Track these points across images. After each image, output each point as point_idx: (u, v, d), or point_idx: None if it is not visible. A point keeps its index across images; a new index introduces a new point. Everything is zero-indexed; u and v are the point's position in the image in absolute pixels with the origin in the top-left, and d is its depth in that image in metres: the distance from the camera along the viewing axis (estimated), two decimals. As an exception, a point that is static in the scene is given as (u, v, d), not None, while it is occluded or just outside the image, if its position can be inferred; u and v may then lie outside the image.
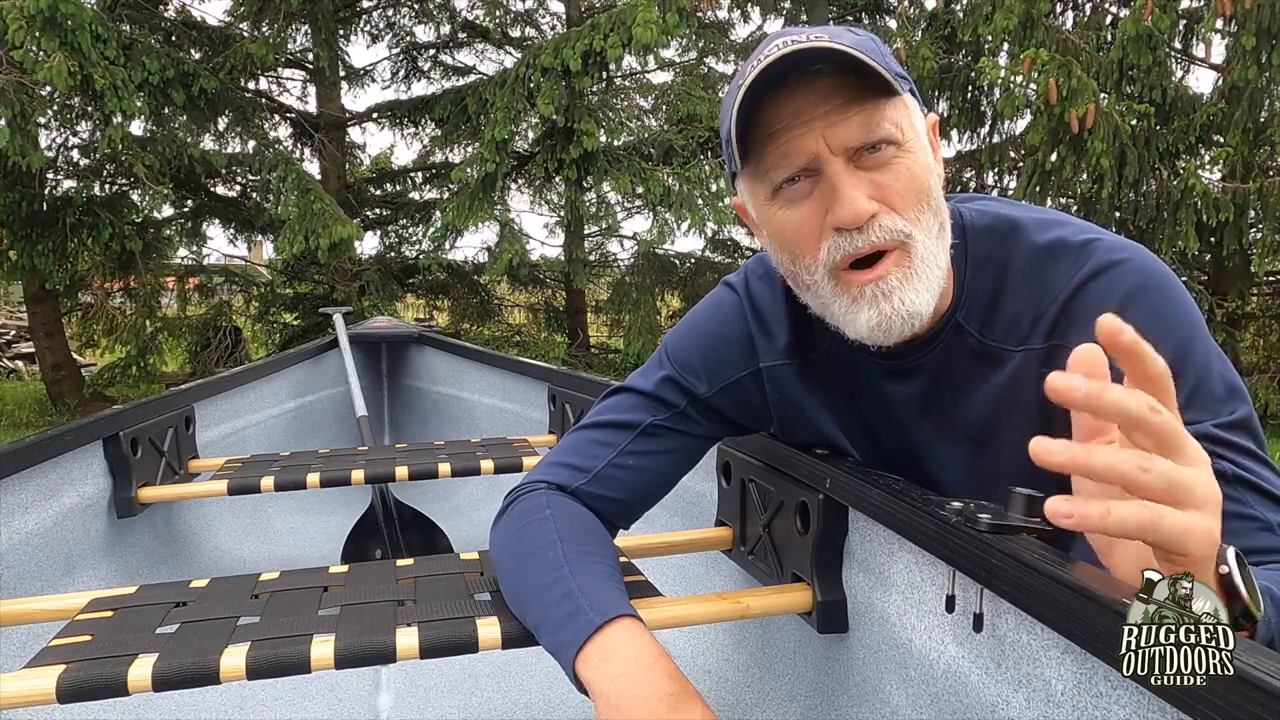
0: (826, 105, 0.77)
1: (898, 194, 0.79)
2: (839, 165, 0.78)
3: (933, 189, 0.82)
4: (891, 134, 0.78)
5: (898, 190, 0.79)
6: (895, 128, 0.78)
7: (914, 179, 0.80)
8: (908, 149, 0.79)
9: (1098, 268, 0.82)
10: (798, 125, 0.78)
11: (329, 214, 6.57)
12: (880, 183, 0.79)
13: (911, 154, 0.80)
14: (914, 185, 0.80)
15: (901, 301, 0.80)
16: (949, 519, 0.76)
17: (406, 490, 2.51)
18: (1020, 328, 0.86)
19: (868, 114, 0.77)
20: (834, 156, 0.78)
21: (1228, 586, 0.56)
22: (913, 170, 0.80)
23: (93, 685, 0.86)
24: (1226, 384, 0.79)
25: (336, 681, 1.65)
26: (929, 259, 0.80)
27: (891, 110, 0.78)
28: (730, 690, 1.34)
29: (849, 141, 0.78)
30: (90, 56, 5.41)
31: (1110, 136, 5.43)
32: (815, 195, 0.80)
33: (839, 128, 0.77)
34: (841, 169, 0.78)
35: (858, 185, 0.78)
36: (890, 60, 0.81)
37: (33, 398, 7.79)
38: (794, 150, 0.79)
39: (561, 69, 6.62)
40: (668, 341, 1.08)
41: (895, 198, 0.79)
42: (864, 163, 0.79)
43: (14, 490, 1.43)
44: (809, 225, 0.81)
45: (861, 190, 0.78)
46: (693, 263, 9.20)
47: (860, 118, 0.77)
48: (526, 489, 1.04)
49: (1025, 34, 5.87)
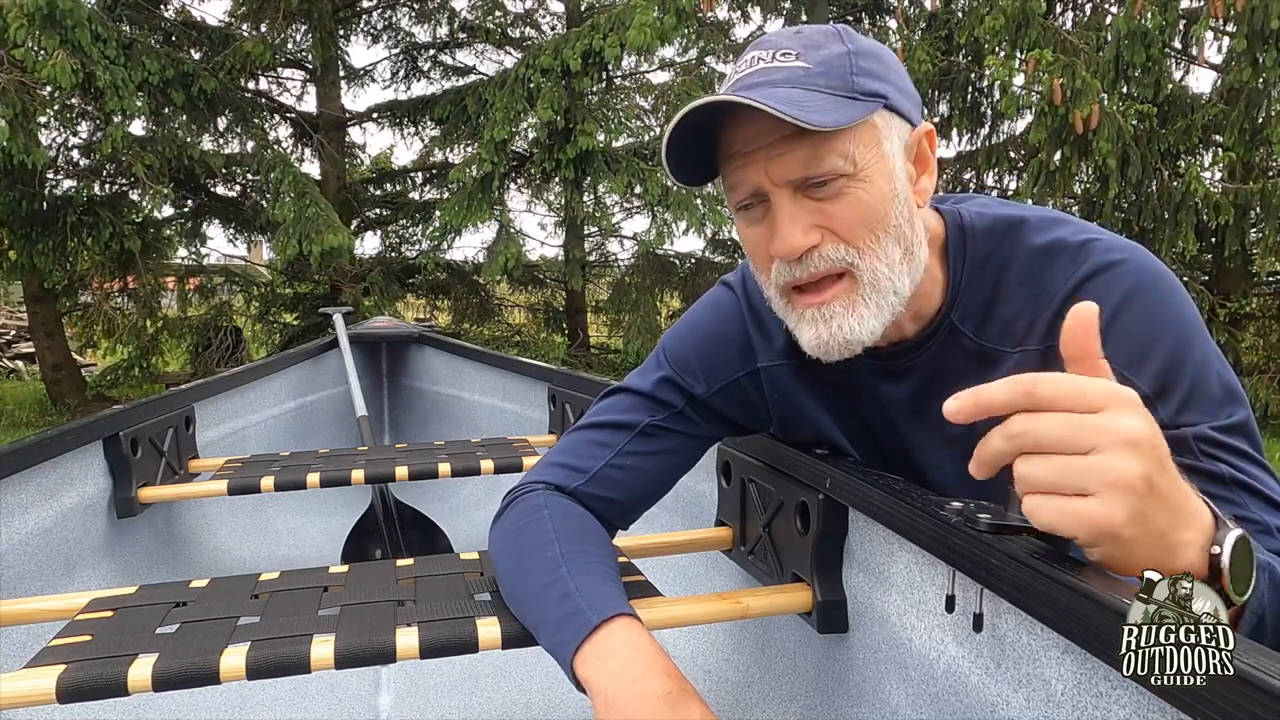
0: (772, 136, 0.78)
1: (844, 224, 0.79)
2: (782, 197, 0.79)
3: (890, 215, 0.80)
4: (838, 167, 0.78)
5: (845, 220, 0.79)
6: (844, 159, 0.78)
7: (864, 209, 0.79)
8: (860, 178, 0.79)
9: (1095, 269, 0.81)
10: (745, 154, 0.80)
11: (323, 219, 6.56)
12: (827, 212, 0.79)
13: (865, 183, 0.79)
14: (864, 215, 0.79)
15: (840, 328, 0.81)
16: (949, 519, 0.76)
17: (406, 490, 2.51)
18: (1017, 329, 0.85)
19: (812, 149, 0.77)
20: (777, 188, 0.79)
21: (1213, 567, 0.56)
22: (863, 200, 0.79)
23: (93, 685, 0.86)
24: (1225, 386, 0.78)
25: (336, 681, 1.65)
26: (879, 285, 0.81)
27: (841, 141, 0.77)
28: (730, 690, 1.34)
29: (789, 175, 0.78)
30: (91, 54, 5.41)
31: (1114, 137, 5.43)
32: (766, 220, 0.82)
33: (781, 161, 0.78)
34: (785, 201, 0.79)
35: (797, 218, 0.79)
36: (863, 77, 0.79)
37: (33, 398, 7.79)
38: (742, 179, 0.81)
39: (561, 69, 6.62)
40: (665, 341, 1.08)
41: (842, 227, 0.79)
42: (812, 193, 0.79)
43: (14, 490, 1.43)
44: (760, 247, 0.84)
45: (801, 222, 0.79)
46: (692, 263, 9.20)
47: (803, 153, 0.77)
48: (525, 489, 1.04)
49: (1019, 34, 5.87)
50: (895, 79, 0.82)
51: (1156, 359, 0.77)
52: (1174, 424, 0.76)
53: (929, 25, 7.45)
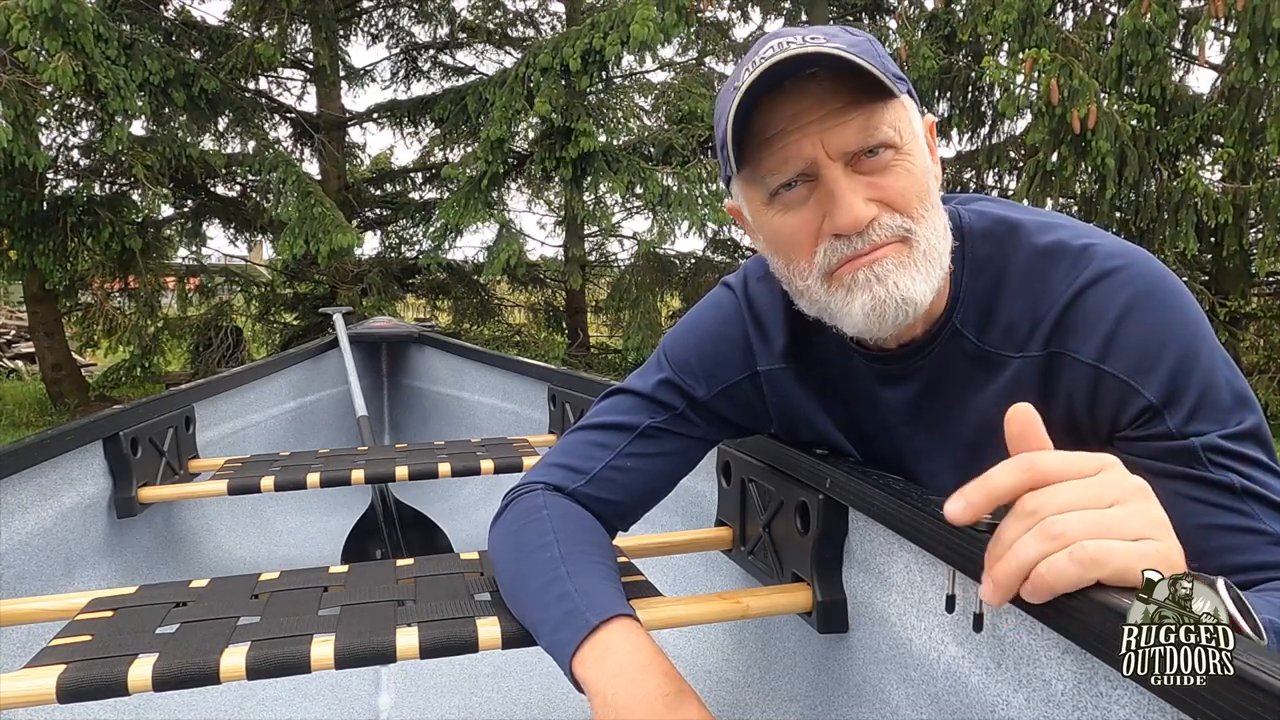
0: (823, 109, 0.76)
1: (898, 194, 0.78)
2: (837, 171, 0.77)
3: (932, 190, 0.81)
4: (890, 137, 0.77)
5: (898, 191, 0.78)
6: (893, 131, 0.77)
7: (914, 180, 0.79)
8: (906, 152, 0.79)
9: (1096, 275, 0.80)
10: (794, 130, 0.77)
11: (330, 219, 6.57)
12: (879, 184, 0.78)
13: (910, 157, 0.79)
14: (915, 186, 0.79)
15: (896, 285, 0.78)
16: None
17: (406, 490, 2.51)
18: (1018, 333, 0.85)
19: (865, 117, 0.76)
20: (832, 161, 0.77)
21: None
22: (912, 172, 0.79)
23: (93, 685, 0.86)
24: (1234, 392, 0.77)
25: (336, 681, 1.65)
26: (931, 253, 0.80)
27: (889, 113, 0.77)
28: (730, 690, 1.34)
29: (847, 146, 0.77)
30: (93, 56, 5.41)
31: (1112, 136, 5.43)
32: (813, 200, 0.80)
33: (836, 132, 0.76)
34: (840, 174, 0.77)
35: (856, 190, 0.77)
36: (887, 61, 0.80)
37: (33, 398, 7.79)
38: (791, 155, 0.78)
39: (561, 68, 6.61)
40: (666, 343, 1.07)
41: (896, 198, 0.78)
42: (862, 167, 0.78)
43: (14, 490, 1.43)
44: (805, 230, 0.81)
45: (860, 195, 0.77)
46: (693, 263, 9.20)
47: (858, 121, 0.76)
48: (524, 490, 1.04)
49: (1025, 31, 5.87)
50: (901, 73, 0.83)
51: (1163, 367, 0.76)
52: (1183, 433, 0.75)
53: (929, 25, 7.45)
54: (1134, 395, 0.76)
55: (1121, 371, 0.77)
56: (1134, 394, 0.77)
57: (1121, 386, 0.77)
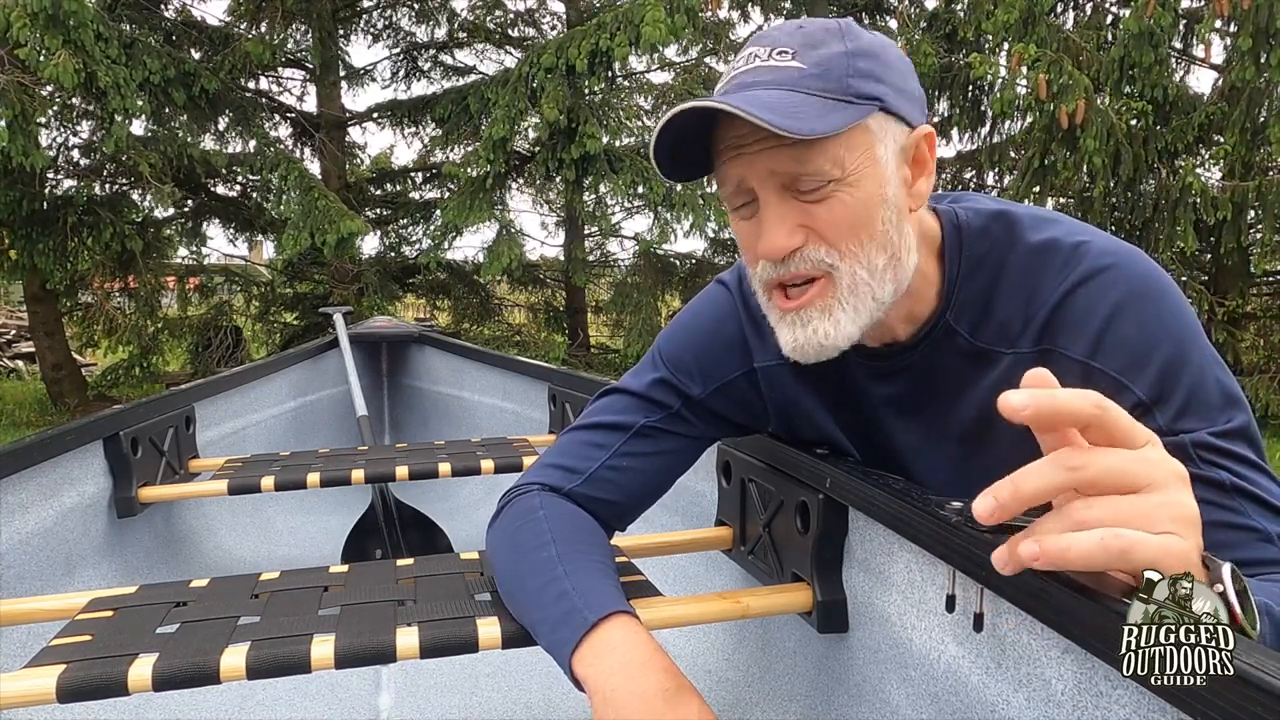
0: (759, 136, 0.77)
1: (829, 227, 0.79)
2: (770, 195, 0.79)
3: (877, 220, 0.80)
4: (825, 171, 0.77)
5: (829, 223, 0.79)
6: (831, 163, 0.76)
7: (849, 213, 0.78)
8: (848, 183, 0.78)
9: (1088, 273, 0.80)
10: (731, 150, 0.79)
11: (334, 210, 6.56)
12: (812, 213, 0.79)
13: (852, 187, 0.78)
14: (849, 219, 0.78)
15: (815, 332, 0.81)
16: (949, 519, 0.75)
17: (406, 490, 2.51)
18: (1011, 330, 0.85)
19: (801, 150, 0.76)
20: (765, 186, 0.79)
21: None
22: (849, 205, 0.78)
23: (93, 685, 0.86)
24: (1223, 391, 0.77)
25: (336, 681, 1.65)
26: (858, 290, 0.80)
27: (830, 145, 0.76)
28: (730, 690, 1.34)
29: (778, 171, 0.78)
30: (93, 54, 5.41)
31: (1104, 134, 5.43)
32: (755, 218, 0.82)
33: (769, 158, 0.77)
34: (772, 199, 0.79)
35: (784, 217, 0.79)
36: (860, 79, 0.78)
37: (33, 398, 7.79)
38: (728, 175, 0.81)
39: (565, 68, 6.61)
40: (661, 341, 1.07)
41: (826, 230, 0.79)
42: (798, 193, 0.79)
43: (14, 490, 1.43)
44: (748, 243, 0.84)
45: (787, 222, 0.79)
46: (693, 263, 9.20)
47: (792, 152, 0.76)
48: (520, 491, 1.03)
49: (1026, 30, 5.87)
50: (895, 79, 0.81)
51: (1153, 365, 0.76)
52: (1172, 430, 0.75)
53: (930, 24, 7.45)
54: (1124, 392, 0.77)
55: (1112, 369, 0.78)
56: (1124, 391, 0.77)
57: (1112, 384, 0.78)
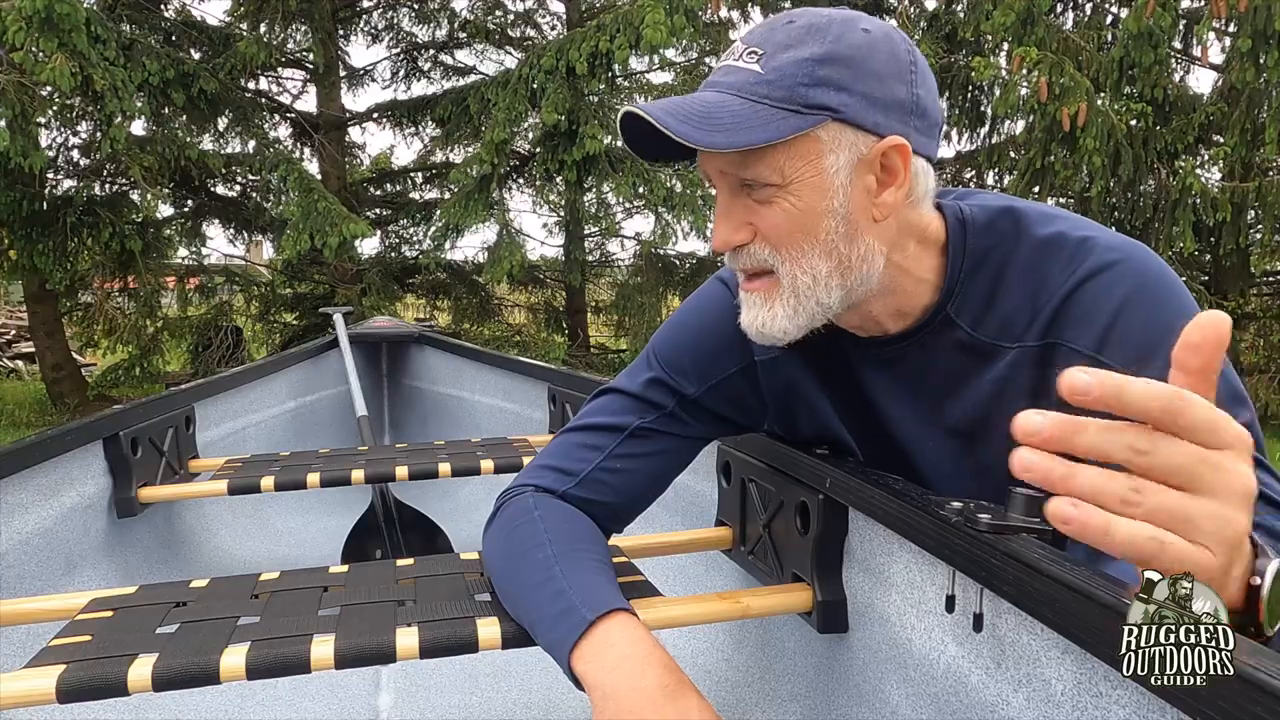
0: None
1: (770, 229, 0.82)
2: (723, 190, 0.84)
3: (821, 228, 0.80)
4: (765, 177, 0.80)
5: (770, 226, 0.82)
6: (773, 171, 0.79)
7: (790, 220, 0.81)
8: (790, 191, 0.80)
9: (1094, 268, 0.81)
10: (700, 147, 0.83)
11: (335, 212, 6.56)
12: (758, 214, 0.83)
13: (794, 196, 0.80)
14: (789, 225, 0.81)
15: (757, 317, 0.86)
16: (949, 519, 0.75)
17: (406, 490, 2.51)
18: (1015, 325, 0.85)
19: (743, 155, 0.79)
20: (719, 180, 0.84)
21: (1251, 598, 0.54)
22: (788, 212, 0.81)
23: (93, 685, 0.86)
24: (1230, 388, 0.77)
25: (336, 681, 1.65)
26: (799, 292, 0.83)
27: (772, 153, 0.78)
28: (730, 690, 1.34)
29: (725, 170, 0.82)
30: (89, 57, 5.40)
31: (1104, 135, 5.43)
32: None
33: (717, 158, 0.82)
34: (724, 196, 0.84)
35: (731, 214, 0.84)
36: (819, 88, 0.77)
37: (33, 398, 7.79)
38: (700, 167, 0.86)
39: (565, 70, 6.61)
40: (655, 340, 1.07)
41: (767, 232, 0.83)
42: (747, 192, 0.83)
43: (14, 490, 1.43)
44: None
45: (733, 220, 0.84)
46: (693, 263, 9.20)
47: (735, 156, 0.80)
48: (514, 493, 1.03)
49: (1025, 31, 5.87)
50: (866, 87, 0.78)
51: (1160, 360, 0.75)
52: None
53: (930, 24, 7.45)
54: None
55: (1119, 363, 0.78)
56: None
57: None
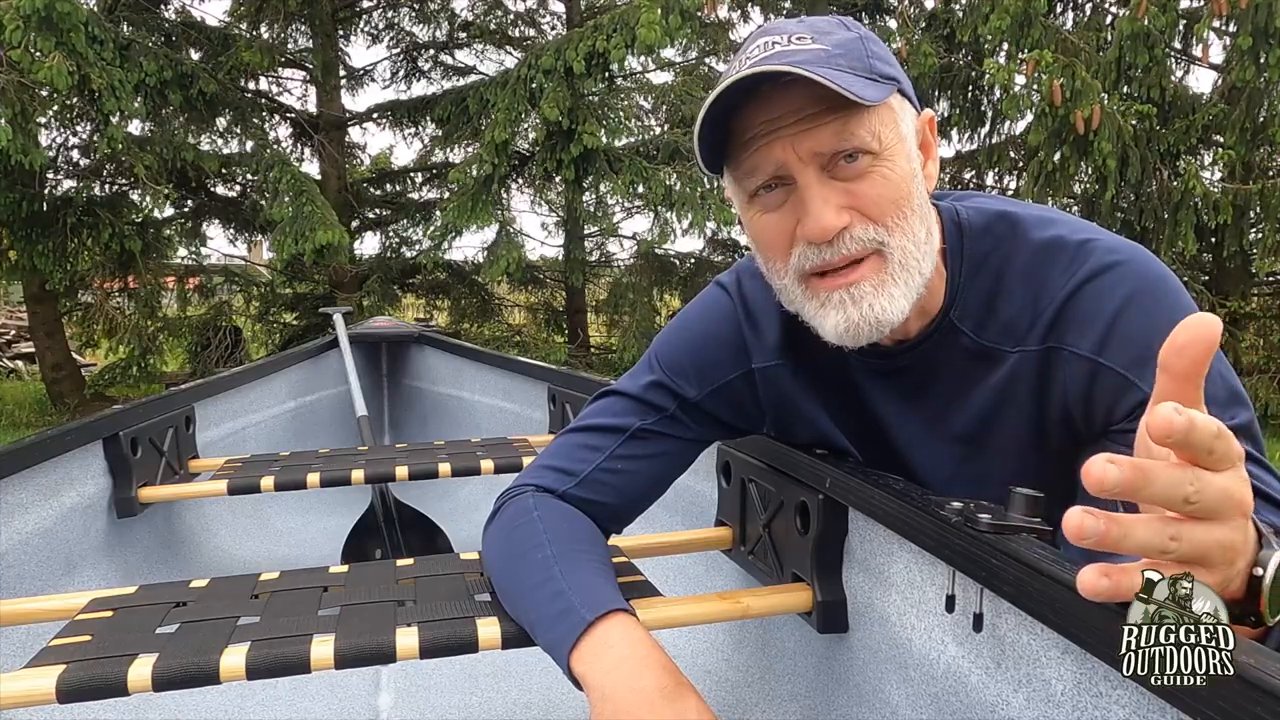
0: (797, 114, 0.77)
1: (873, 203, 0.78)
2: (810, 176, 0.78)
3: (914, 195, 0.80)
4: (866, 144, 0.77)
5: (873, 199, 0.78)
6: (872, 137, 0.77)
7: (891, 187, 0.79)
8: (885, 157, 0.78)
9: (1095, 270, 0.81)
10: (768, 134, 0.78)
11: (318, 216, 6.54)
12: (855, 192, 0.78)
13: (889, 162, 0.79)
14: (891, 194, 0.79)
15: (871, 308, 0.80)
16: (949, 519, 0.75)
17: (406, 490, 2.51)
18: (1017, 329, 0.85)
19: (841, 123, 0.76)
20: (805, 166, 0.78)
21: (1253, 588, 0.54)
22: (889, 179, 0.79)
23: (93, 685, 0.86)
24: (1228, 388, 0.78)
25: (336, 681, 1.65)
26: (909, 264, 0.80)
27: (869, 119, 0.77)
28: (730, 690, 1.34)
29: (819, 149, 0.77)
30: (87, 57, 5.40)
31: (1114, 137, 5.43)
32: (789, 204, 0.81)
33: (809, 137, 0.77)
34: (813, 180, 0.78)
35: (828, 198, 0.78)
36: (877, 60, 0.79)
37: (33, 398, 7.79)
38: (764, 160, 0.79)
39: (564, 70, 6.61)
40: (657, 344, 1.07)
41: (870, 207, 0.79)
42: (838, 172, 0.78)
43: (14, 490, 1.43)
44: (781, 232, 0.82)
45: (832, 203, 0.78)
46: (692, 263, 9.20)
47: (834, 126, 0.76)
48: (514, 493, 1.04)
49: (1022, 33, 5.87)
50: (898, 68, 0.83)
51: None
52: None
53: (929, 24, 7.44)
54: (1131, 389, 0.77)
55: (1119, 365, 0.78)
56: (1131, 388, 0.77)
57: (1118, 380, 0.78)
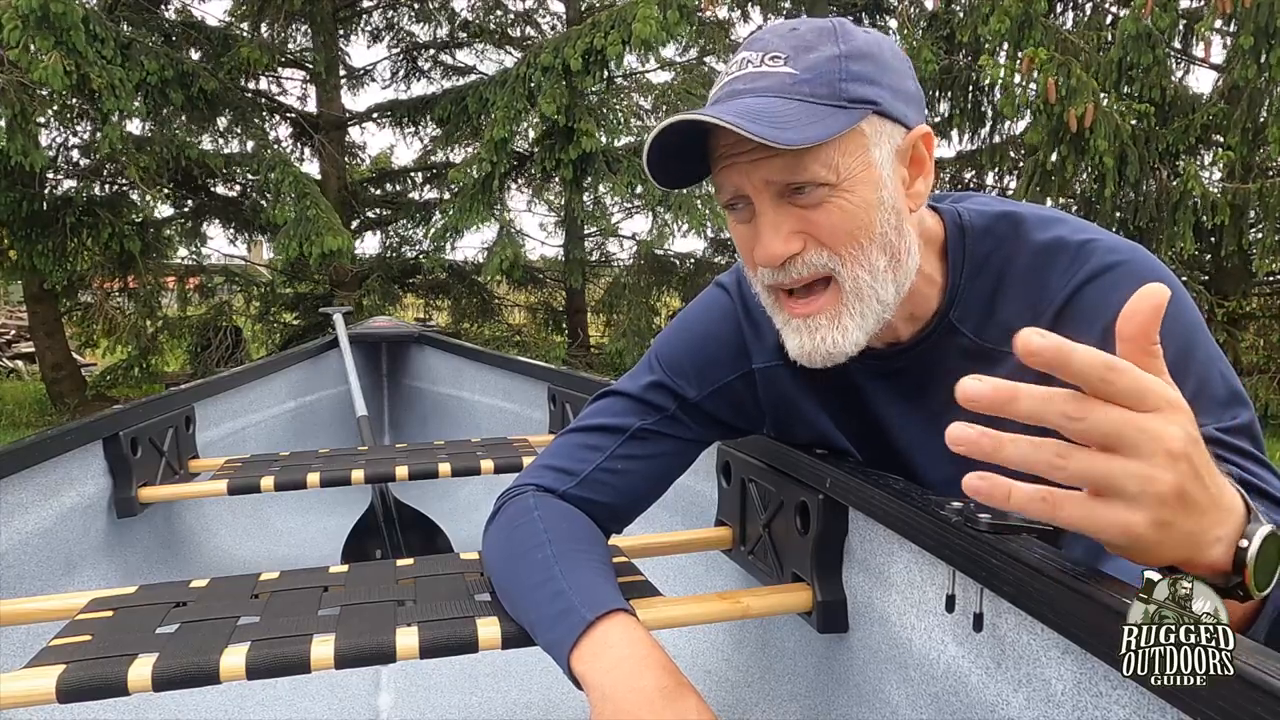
0: (751, 144, 0.77)
1: (826, 231, 0.80)
2: (765, 203, 0.80)
3: (875, 224, 0.80)
4: (819, 176, 0.77)
5: (826, 227, 0.79)
6: (826, 169, 0.77)
7: (847, 218, 0.79)
8: (843, 188, 0.78)
9: (1095, 270, 0.81)
10: (728, 158, 0.80)
11: (323, 221, 6.54)
12: (809, 219, 0.80)
13: (847, 193, 0.79)
14: (847, 224, 0.79)
15: (824, 340, 0.82)
16: (949, 519, 0.76)
17: (406, 490, 2.51)
18: (1017, 329, 0.85)
19: (793, 157, 0.77)
20: (760, 193, 0.80)
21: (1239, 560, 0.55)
22: (845, 210, 0.79)
23: (93, 685, 0.86)
24: (1228, 388, 0.78)
25: (336, 681, 1.65)
26: (863, 294, 0.81)
27: (825, 151, 0.77)
28: (730, 690, 1.34)
29: (773, 179, 0.79)
30: (86, 56, 5.39)
31: (1111, 135, 5.43)
32: (752, 222, 0.83)
33: (761, 167, 0.78)
34: (767, 207, 0.80)
35: (779, 225, 0.80)
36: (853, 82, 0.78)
37: (33, 398, 7.79)
38: (727, 180, 0.82)
39: (562, 68, 6.61)
40: (658, 344, 1.07)
41: (824, 235, 0.80)
42: (794, 199, 0.79)
43: (14, 490, 1.43)
44: (746, 247, 0.85)
45: (783, 230, 0.80)
46: (692, 263, 9.19)
47: (785, 160, 0.77)
48: (514, 493, 1.04)
49: (1023, 34, 5.87)
50: (891, 80, 0.81)
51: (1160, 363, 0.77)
52: None
53: (930, 24, 7.45)
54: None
55: None
56: None
57: None
